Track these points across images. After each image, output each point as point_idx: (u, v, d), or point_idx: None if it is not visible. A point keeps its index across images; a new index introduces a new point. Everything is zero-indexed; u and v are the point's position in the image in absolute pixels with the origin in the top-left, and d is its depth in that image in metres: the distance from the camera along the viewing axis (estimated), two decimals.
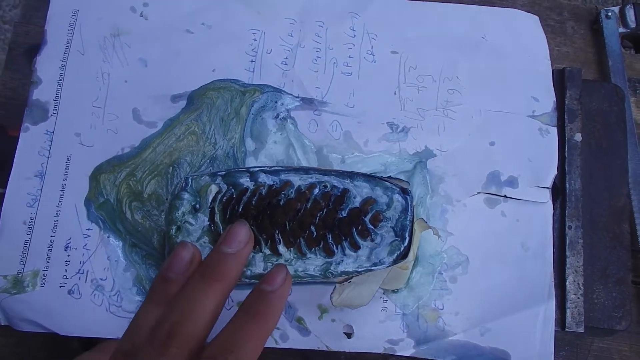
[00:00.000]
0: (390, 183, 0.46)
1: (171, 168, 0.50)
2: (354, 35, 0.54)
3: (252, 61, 0.53)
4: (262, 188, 0.46)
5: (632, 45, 0.64)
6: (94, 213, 0.49)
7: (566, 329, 0.49)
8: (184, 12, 0.54)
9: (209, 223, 0.45)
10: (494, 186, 0.51)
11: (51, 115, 0.50)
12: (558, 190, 0.52)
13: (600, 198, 0.52)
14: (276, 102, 0.52)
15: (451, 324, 0.48)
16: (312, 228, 0.45)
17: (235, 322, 0.35)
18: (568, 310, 0.49)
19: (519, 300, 0.49)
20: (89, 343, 0.50)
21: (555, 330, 0.48)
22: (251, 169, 0.47)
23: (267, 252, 0.45)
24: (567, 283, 0.50)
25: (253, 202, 0.45)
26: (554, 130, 0.52)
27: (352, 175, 0.47)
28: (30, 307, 0.46)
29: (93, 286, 0.47)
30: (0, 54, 1.18)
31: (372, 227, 0.45)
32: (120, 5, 0.54)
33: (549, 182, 0.51)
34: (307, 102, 0.52)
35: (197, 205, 0.46)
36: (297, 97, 0.52)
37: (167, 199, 0.49)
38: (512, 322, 0.48)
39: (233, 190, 0.46)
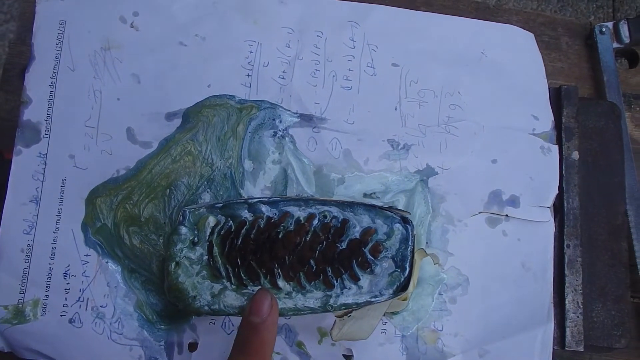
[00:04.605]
0: (391, 212, 0.46)
1: (168, 190, 0.49)
2: (354, 47, 0.52)
3: (248, 75, 0.51)
4: (260, 220, 0.45)
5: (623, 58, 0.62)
6: (92, 238, 0.48)
7: (566, 348, 0.49)
8: (177, 22, 0.51)
9: (207, 257, 0.45)
10: (495, 205, 0.50)
11: (43, 137, 0.49)
12: (556, 209, 0.51)
13: (598, 216, 0.52)
14: (274, 119, 0.51)
15: (450, 346, 0.49)
16: (312, 262, 0.45)
17: None
18: (568, 329, 0.50)
19: (518, 322, 0.49)
20: None
21: (554, 349, 0.49)
22: (249, 200, 0.46)
23: (267, 285, 0.44)
24: (567, 302, 0.50)
25: (252, 236, 0.45)
26: (555, 149, 0.51)
27: (352, 205, 0.46)
28: (32, 337, 0.47)
29: (94, 314, 0.47)
30: None
31: (372, 258, 0.45)
32: (110, 15, 0.51)
33: (550, 202, 0.50)
34: (306, 119, 0.51)
35: (196, 239, 0.45)
36: (295, 113, 0.51)
37: (165, 222, 0.49)
38: (510, 344, 0.49)
39: (232, 222, 0.45)
